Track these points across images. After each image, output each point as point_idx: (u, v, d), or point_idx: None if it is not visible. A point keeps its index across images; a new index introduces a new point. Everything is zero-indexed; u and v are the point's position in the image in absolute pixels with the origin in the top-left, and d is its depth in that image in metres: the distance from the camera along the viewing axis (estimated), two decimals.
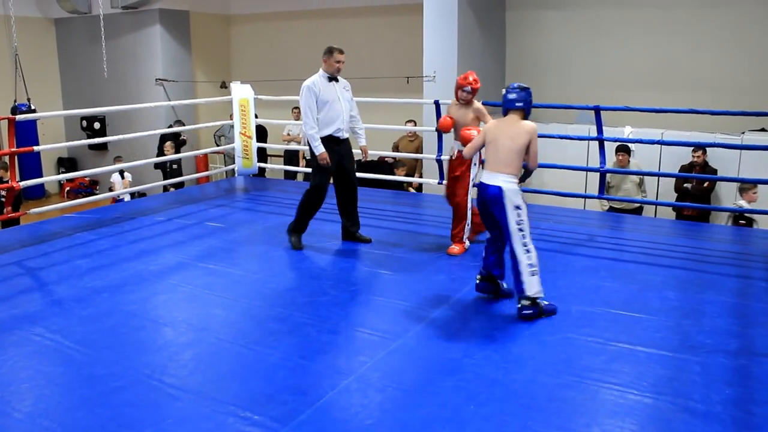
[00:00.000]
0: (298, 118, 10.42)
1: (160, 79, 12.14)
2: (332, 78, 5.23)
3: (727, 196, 7.42)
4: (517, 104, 4.02)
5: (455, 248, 5.20)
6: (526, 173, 3.99)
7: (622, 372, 3.22)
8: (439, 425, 2.78)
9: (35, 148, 6.25)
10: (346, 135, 5.30)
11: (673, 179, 7.49)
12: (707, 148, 7.18)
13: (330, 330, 3.81)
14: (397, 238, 5.65)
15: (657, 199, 7.73)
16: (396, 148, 9.43)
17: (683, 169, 7.40)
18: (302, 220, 5.36)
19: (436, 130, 6.36)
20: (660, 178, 7.77)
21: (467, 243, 5.25)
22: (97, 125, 12.66)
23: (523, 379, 3.16)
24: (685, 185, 7.35)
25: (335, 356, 3.47)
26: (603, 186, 6.17)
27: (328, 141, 5.18)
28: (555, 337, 3.62)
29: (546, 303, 3.92)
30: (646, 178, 7.50)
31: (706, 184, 7.28)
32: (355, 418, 2.85)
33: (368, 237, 5.53)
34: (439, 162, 6.84)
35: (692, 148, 7.16)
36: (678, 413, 2.84)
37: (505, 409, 2.90)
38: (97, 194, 11.88)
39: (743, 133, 7.61)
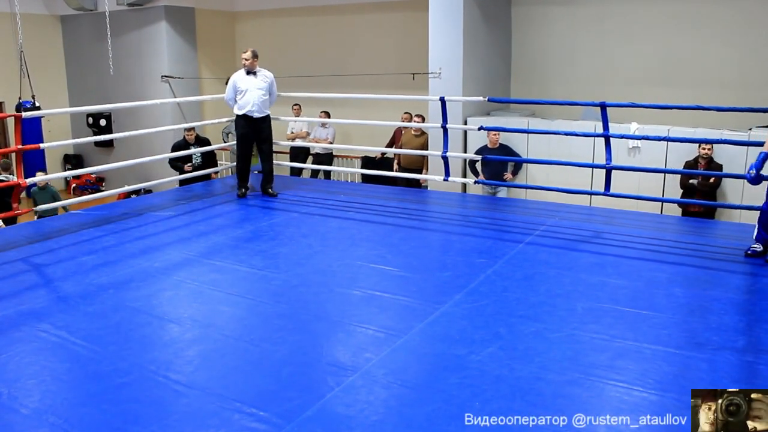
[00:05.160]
0: (298, 114, 10.45)
1: (165, 76, 12.16)
2: (249, 72, 6.85)
3: (734, 192, 7.37)
4: None
5: None
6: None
7: (627, 369, 3.21)
8: (444, 422, 2.78)
9: (41, 145, 6.27)
10: (257, 115, 6.89)
11: (679, 176, 7.45)
12: (714, 144, 7.14)
13: (335, 327, 3.81)
14: (403, 235, 5.65)
15: (663, 195, 7.69)
16: (401, 145, 9.37)
17: (688, 164, 7.36)
18: (238, 179, 7.18)
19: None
20: (666, 174, 7.73)
21: None
22: (103, 122, 12.70)
23: (528, 375, 3.16)
24: (690, 181, 7.30)
25: (340, 353, 3.47)
26: (609, 182, 6.14)
27: (244, 118, 6.90)
28: (560, 334, 3.61)
29: None
30: (652, 175, 7.45)
31: (712, 180, 7.24)
32: (360, 414, 2.85)
33: (275, 192, 7.13)
34: (445, 159, 6.82)
35: (699, 143, 7.10)
36: (684, 410, 2.83)
37: (510, 405, 2.89)
38: (103, 191, 11.91)
39: (750, 129, 7.56)
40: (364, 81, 11.09)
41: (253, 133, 6.99)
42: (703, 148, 7.17)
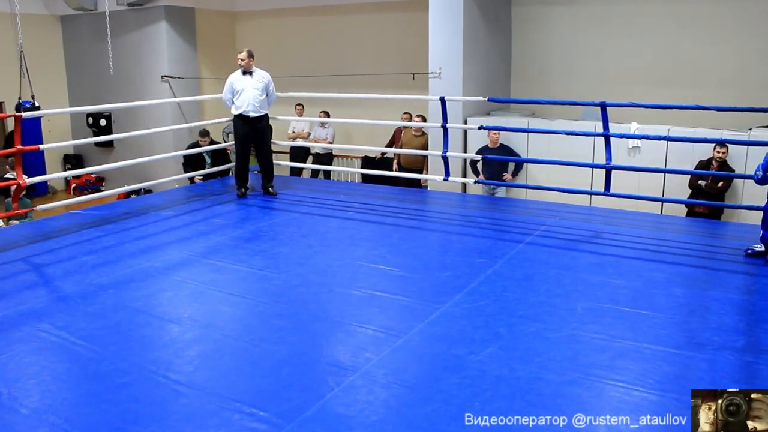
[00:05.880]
0: (301, 114, 10.46)
1: (165, 76, 12.15)
2: (245, 72, 6.95)
3: (738, 194, 7.35)
4: None
5: None
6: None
7: (627, 369, 3.21)
8: (444, 422, 2.78)
9: (41, 146, 6.26)
10: (254, 114, 6.95)
11: (681, 176, 7.42)
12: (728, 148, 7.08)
13: (335, 327, 3.81)
14: (402, 235, 5.65)
15: (663, 195, 7.68)
16: (401, 145, 9.37)
17: (701, 164, 7.31)
18: (237, 179, 7.20)
19: None
20: (666, 174, 7.72)
21: None
22: (103, 122, 12.69)
23: (528, 375, 3.16)
24: (699, 182, 7.26)
25: (340, 353, 3.47)
26: (609, 182, 6.14)
27: (241, 118, 6.97)
28: (560, 334, 3.61)
29: None
30: (652, 175, 7.44)
31: (720, 184, 7.18)
32: (360, 414, 2.85)
33: (276, 191, 7.17)
34: (445, 159, 6.82)
35: (714, 144, 7.05)
36: (684, 410, 2.83)
37: (510, 405, 2.89)
38: (103, 191, 11.91)
39: (750, 129, 7.56)
40: (364, 81, 11.09)
41: (252, 132, 7.05)
42: (718, 152, 7.11)
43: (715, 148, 7.13)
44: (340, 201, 6.88)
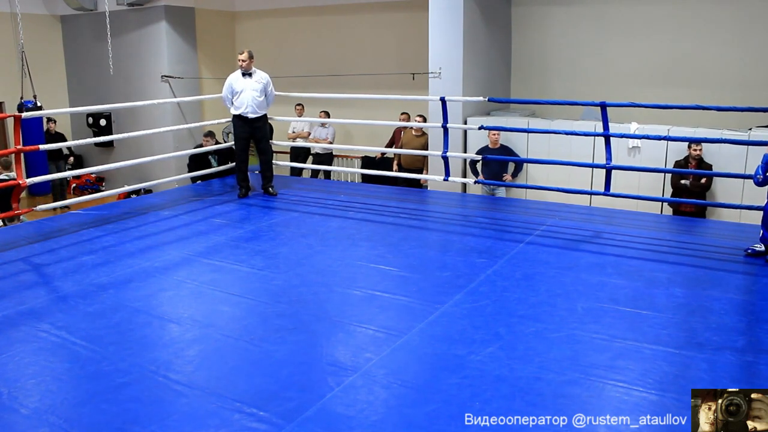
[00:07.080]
0: (301, 114, 10.46)
1: (165, 76, 12.15)
2: (245, 73, 6.99)
3: (728, 192, 7.34)
4: None
5: None
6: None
7: (627, 369, 3.21)
8: (444, 422, 2.78)
9: (41, 146, 6.26)
10: (252, 115, 7.00)
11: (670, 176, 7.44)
12: (703, 145, 7.12)
13: (335, 326, 3.81)
14: (403, 235, 5.65)
15: (663, 195, 7.68)
16: (401, 145, 9.37)
17: (678, 164, 7.35)
18: (239, 179, 7.23)
19: None
20: (666, 174, 7.72)
21: None
22: (103, 122, 12.68)
23: (528, 375, 3.16)
24: (682, 181, 7.29)
25: (340, 353, 3.47)
26: (609, 182, 6.14)
27: (240, 118, 7.03)
28: (560, 334, 3.61)
29: None
30: (652, 175, 7.44)
31: (703, 181, 7.22)
32: (360, 414, 2.85)
33: (275, 191, 7.22)
34: (445, 158, 6.82)
35: (689, 143, 7.08)
36: (684, 410, 2.83)
37: (510, 405, 2.89)
38: (103, 191, 11.91)
39: (750, 129, 7.56)
40: (364, 81, 11.09)
41: (250, 132, 7.12)
42: (694, 149, 7.16)
43: (690, 146, 7.15)
44: (340, 201, 6.89)
